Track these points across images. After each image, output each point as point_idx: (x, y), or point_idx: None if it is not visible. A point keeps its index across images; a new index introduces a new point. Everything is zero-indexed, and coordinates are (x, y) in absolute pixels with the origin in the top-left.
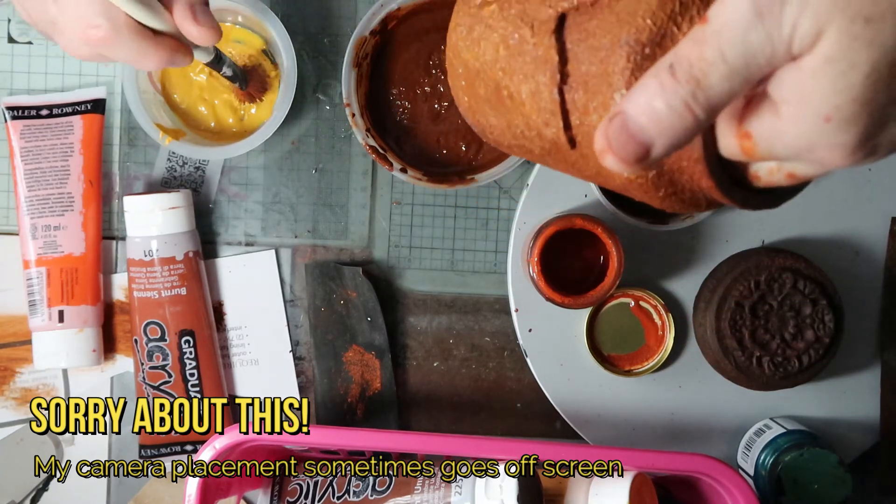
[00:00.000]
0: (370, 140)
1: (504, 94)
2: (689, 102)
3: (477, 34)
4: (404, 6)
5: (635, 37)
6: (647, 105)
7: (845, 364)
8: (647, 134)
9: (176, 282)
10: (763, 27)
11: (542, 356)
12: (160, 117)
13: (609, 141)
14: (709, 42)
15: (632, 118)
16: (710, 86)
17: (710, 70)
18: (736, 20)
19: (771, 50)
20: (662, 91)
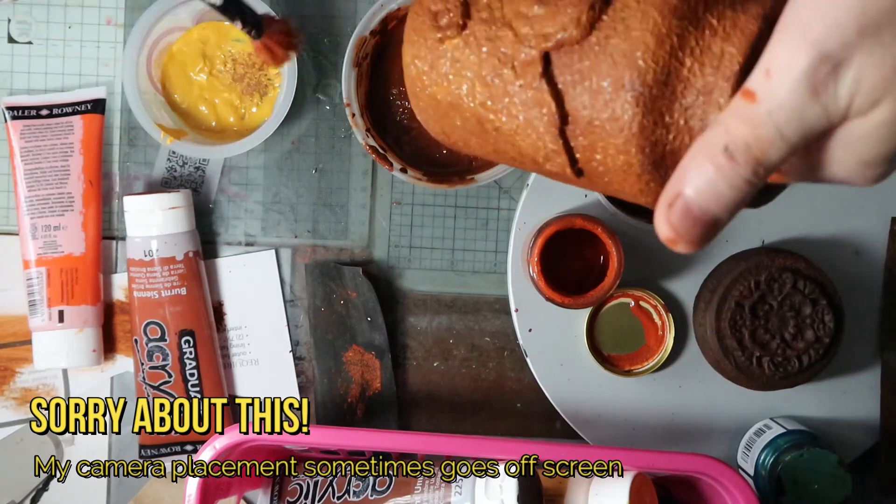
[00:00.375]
0: (370, 140)
1: (489, 127)
2: (750, 179)
3: (444, 70)
4: (404, 6)
5: (640, 79)
6: (708, 187)
7: (845, 364)
8: (712, 214)
9: (176, 282)
10: (819, 103)
11: (542, 356)
12: (161, 117)
13: (675, 230)
14: (764, 123)
15: (695, 202)
16: (770, 161)
17: (769, 149)
18: (790, 99)
19: (827, 121)
20: (721, 173)
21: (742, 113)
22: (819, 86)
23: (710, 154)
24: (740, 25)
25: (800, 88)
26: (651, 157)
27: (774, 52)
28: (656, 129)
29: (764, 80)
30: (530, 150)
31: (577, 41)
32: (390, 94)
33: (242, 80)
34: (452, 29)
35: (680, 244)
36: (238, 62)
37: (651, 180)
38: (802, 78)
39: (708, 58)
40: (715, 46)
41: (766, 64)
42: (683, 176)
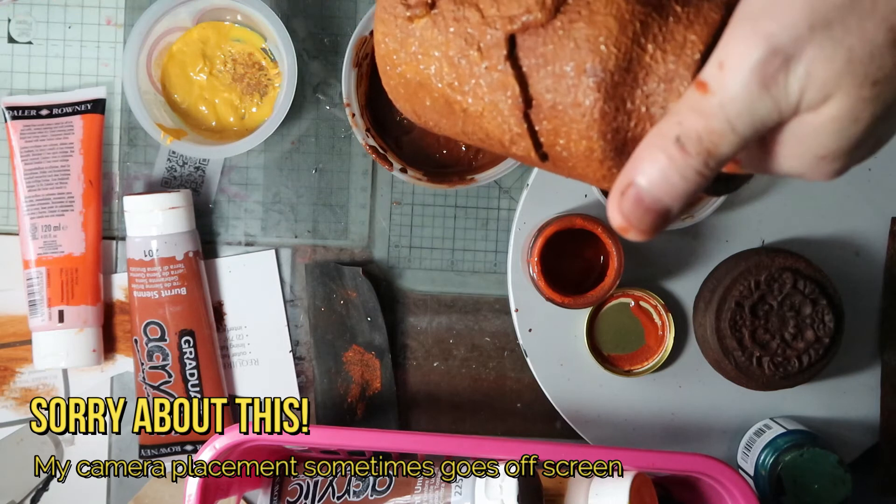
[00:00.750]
0: (370, 140)
1: (457, 108)
2: (701, 171)
3: (412, 49)
4: None
5: (602, 65)
6: (660, 178)
7: (845, 364)
8: (663, 203)
9: (176, 282)
10: (769, 97)
11: (542, 356)
12: (161, 117)
13: (627, 218)
14: (716, 115)
15: (646, 191)
16: (721, 154)
17: (720, 141)
18: (741, 93)
19: (778, 114)
20: (673, 163)
21: (695, 104)
22: (769, 79)
23: (663, 145)
24: (703, 13)
25: (751, 82)
26: (613, 144)
27: (727, 45)
28: (618, 115)
29: (717, 72)
30: (496, 132)
31: (541, 24)
32: None
33: (242, 80)
34: (421, 8)
35: (631, 232)
36: (238, 62)
37: (613, 166)
38: (753, 71)
39: (671, 45)
40: (678, 34)
41: (719, 56)
42: (636, 165)
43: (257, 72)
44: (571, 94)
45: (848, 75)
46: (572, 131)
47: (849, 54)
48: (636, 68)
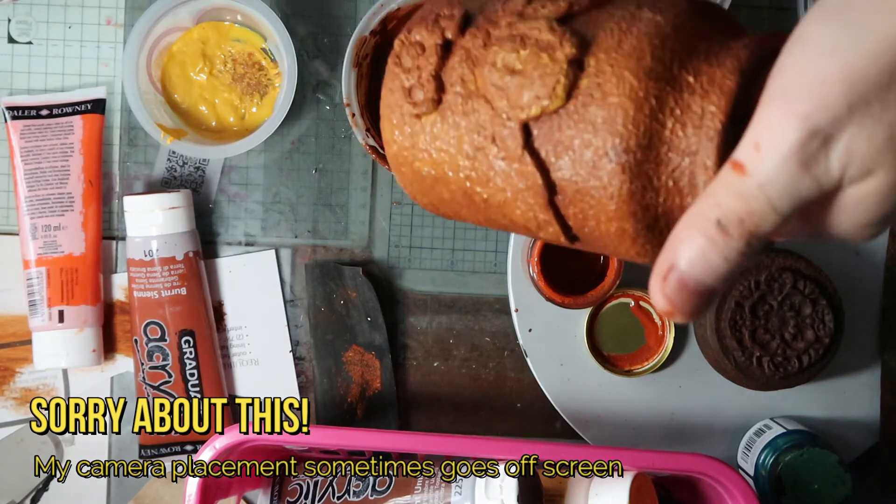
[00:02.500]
0: (370, 140)
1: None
2: (743, 251)
3: (423, 145)
4: (404, 6)
5: (623, 146)
6: (702, 260)
7: (845, 364)
8: (707, 285)
9: (176, 282)
10: (810, 176)
11: (542, 356)
12: (161, 117)
13: (672, 302)
14: (756, 198)
15: (688, 275)
16: (763, 234)
17: (761, 222)
18: (781, 174)
19: (819, 192)
20: (715, 246)
21: (733, 186)
22: (810, 160)
23: (703, 227)
24: (717, 81)
25: (790, 163)
26: (644, 221)
27: (762, 125)
28: (645, 193)
29: (753, 153)
30: (522, 219)
31: (554, 111)
32: None
33: (242, 80)
34: (427, 104)
35: (677, 316)
36: (238, 62)
37: (646, 242)
38: (793, 152)
39: (689, 117)
40: (695, 105)
41: (754, 136)
42: (676, 249)
43: (257, 72)
44: (595, 177)
45: (889, 151)
46: (601, 214)
47: (890, 130)
48: (657, 144)
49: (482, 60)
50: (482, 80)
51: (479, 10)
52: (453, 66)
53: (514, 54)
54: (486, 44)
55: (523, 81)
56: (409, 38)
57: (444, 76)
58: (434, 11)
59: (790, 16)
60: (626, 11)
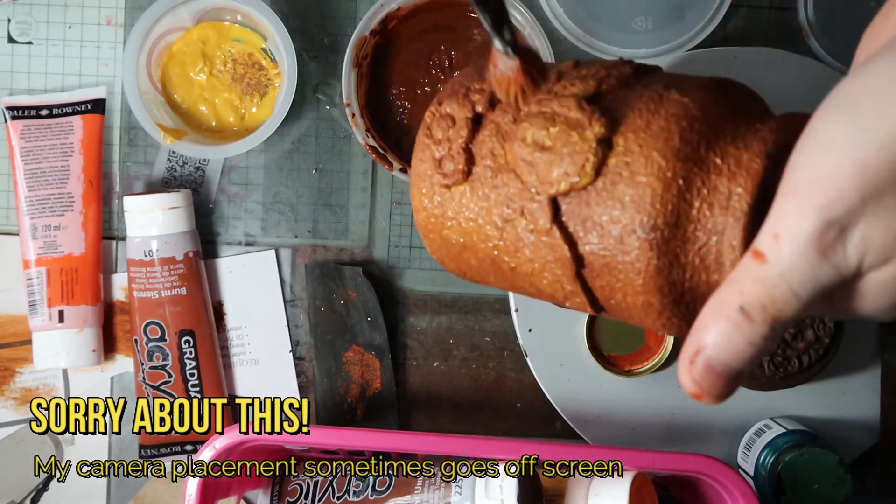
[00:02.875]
0: (370, 140)
1: (504, 267)
2: (767, 336)
3: (453, 213)
4: (404, 6)
5: (651, 223)
6: (727, 344)
7: (845, 364)
8: (733, 368)
9: (176, 282)
10: (829, 264)
11: (542, 356)
12: (161, 117)
13: (700, 385)
14: (777, 286)
15: (715, 359)
16: (786, 318)
17: (784, 308)
18: (801, 263)
19: (840, 278)
20: (739, 331)
21: (754, 274)
22: (827, 249)
23: (727, 313)
24: (744, 164)
25: (808, 252)
26: (670, 296)
27: (780, 217)
28: (672, 269)
29: (772, 243)
30: (549, 289)
31: (583, 187)
32: (390, 94)
33: (242, 79)
34: (457, 175)
35: (705, 398)
36: (238, 62)
37: (672, 316)
38: (810, 242)
39: (716, 198)
40: (721, 186)
41: (773, 227)
42: (702, 334)
43: (257, 72)
44: (623, 252)
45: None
46: (628, 287)
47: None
48: (685, 223)
49: (512, 135)
50: (512, 154)
51: None
52: (483, 140)
53: (543, 131)
54: (517, 119)
55: (553, 158)
56: (439, 110)
57: (474, 149)
58: (464, 85)
59: (790, 16)
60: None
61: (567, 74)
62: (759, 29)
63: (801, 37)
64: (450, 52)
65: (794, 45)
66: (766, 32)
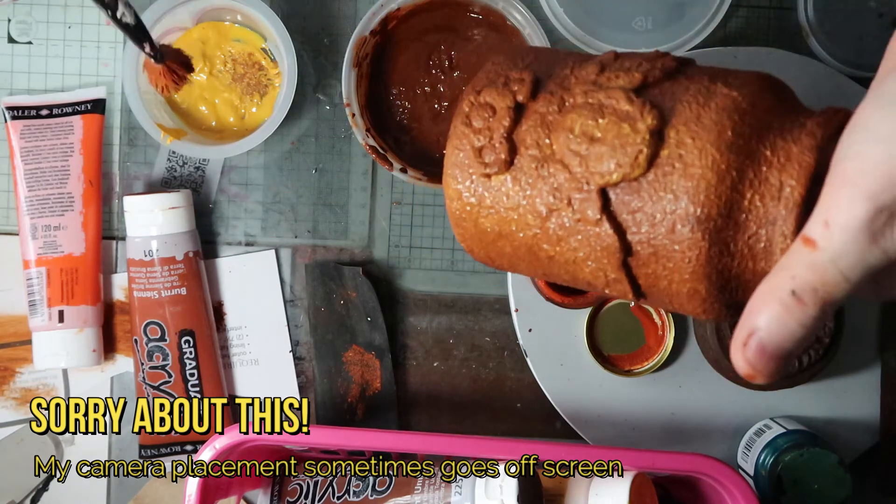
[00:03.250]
0: (370, 140)
1: (542, 256)
2: (819, 317)
3: (491, 202)
4: (404, 6)
5: (705, 214)
6: (780, 327)
7: (845, 364)
8: (785, 349)
9: (176, 282)
10: (879, 248)
11: (542, 356)
12: (161, 117)
13: (753, 366)
14: (828, 270)
15: (767, 341)
16: (836, 300)
17: (834, 290)
18: (852, 249)
19: (887, 260)
20: (791, 314)
21: (805, 260)
22: (878, 234)
23: (779, 297)
24: (795, 157)
25: (860, 237)
26: (717, 284)
27: (830, 205)
28: (722, 258)
29: (823, 230)
30: (590, 277)
31: (635, 179)
32: (390, 94)
33: (242, 79)
34: (499, 165)
35: (758, 378)
36: (238, 62)
37: (716, 302)
38: (861, 228)
39: (767, 189)
40: (773, 178)
41: (823, 215)
42: (755, 318)
43: (257, 72)
44: (673, 241)
45: None
46: (675, 275)
47: None
48: (737, 213)
49: (558, 126)
50: (559, 145)
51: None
52: (527, 130)
53: (592, 122)
54: (562, 110)
55: (603, 149)
56: (478, 99)
57: (516, 138)
58: (502, 74)
59: (790, 15)
60: (701, 85)
61: (610, 66)
62: (759, 29)
63: (801, 37)
64: (450, 52)
65: (794, 45)
66: (766, 32)
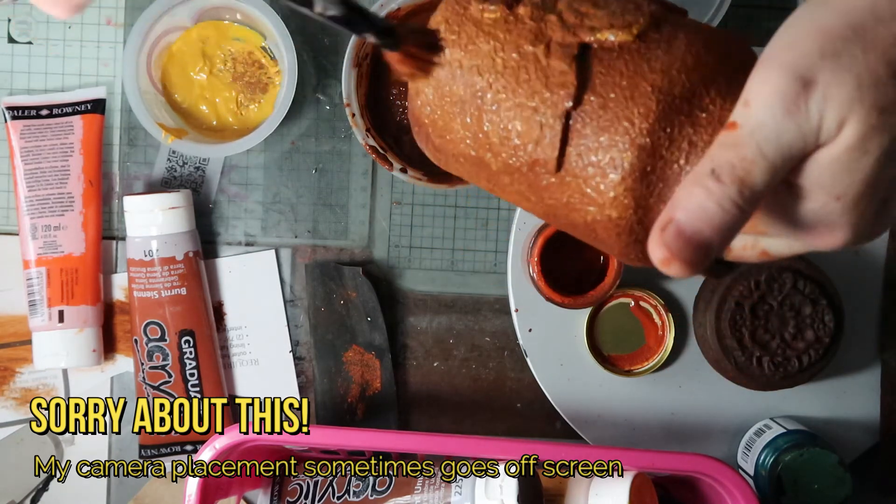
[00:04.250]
0: (370, 140)
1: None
2: (736, 200)
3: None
4: (404, 6)
5: (668, 88)
6: (698, 209)
7: (845, 364)
8: (704, 235)
9: (176, 282)
10: (793, 122)
11: (542, 356)
12: (161, 117)
13: (669, 249)
14: (746, 144)
15: (686, 223)
16: (754, 182)
17: (752, 168)
18: (768, 119)
19: (802, 142)
20: (710, 194)
21: (725, 139)
22: (791, 105)
23: (698, 180)
24: None
25: (775, 106)
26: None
27: (751, 84)
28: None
29: (743, 109)
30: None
31: (619, 45)
32: (390, 94)
33: (242, 78)
34: (497, 4)
35: (673, 264)
36: (238, 61)
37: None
38: (777, 97)
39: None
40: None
41: (745, 96)
42: (675, 202)
43: (257, 70)
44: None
45: (857, 101)
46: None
47: (857, 80)
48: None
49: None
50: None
51: None
52: None
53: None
54: None
55: (602, 13)
56: None
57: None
58: None
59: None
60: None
61: None
62: (759, 29)
63: None
64: None
65: None
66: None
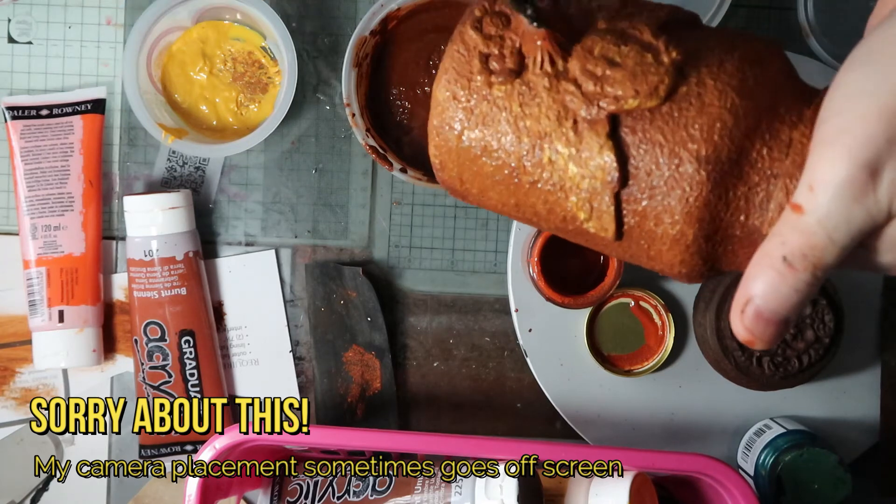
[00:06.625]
0: (370, 140)
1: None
2: (810, 282)
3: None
4: (404, 6)
5: (715, 155)
6: (774, 293)
7: (845, 364)
8: (781, 315)
9: (176, 282)
10: (862, 208)
11: (542, 356)
12: (161, 117)
13: (751, 332)
14: (815, 233)
15: (764, 307)
16: (826, 265)
17: (823, 255)
18: (835, 209)
19: (872, 222)
20: (784, 280)
21: (794, 224)
22: (859, 193)
23: (772, 264)
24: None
25: (843, 197)
26: (706, 231)
27: (813, 168)
28: (718, 203)
29: (808, 194)
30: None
31: (649, 109)
32: (390, 94)
33: (242, 78)
34: (505, 75)
35: (757, 344)
36: (238, 61)
37: (697, 252)
38: (844, 187)
39: (776, 143)
40: (783, 134)
41: (807, 180)
42: (751, 284)
43: (257, 70)
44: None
45: None
46: (665, 215)
47: None
48: (743, 162)
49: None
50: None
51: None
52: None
53: (614, 47)
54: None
55: (622, 75)
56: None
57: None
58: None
59: (790, 16)
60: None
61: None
62: (759, 29)
63: (801, 37)
64: None
65: (795, 45)
66: (766, 32)
